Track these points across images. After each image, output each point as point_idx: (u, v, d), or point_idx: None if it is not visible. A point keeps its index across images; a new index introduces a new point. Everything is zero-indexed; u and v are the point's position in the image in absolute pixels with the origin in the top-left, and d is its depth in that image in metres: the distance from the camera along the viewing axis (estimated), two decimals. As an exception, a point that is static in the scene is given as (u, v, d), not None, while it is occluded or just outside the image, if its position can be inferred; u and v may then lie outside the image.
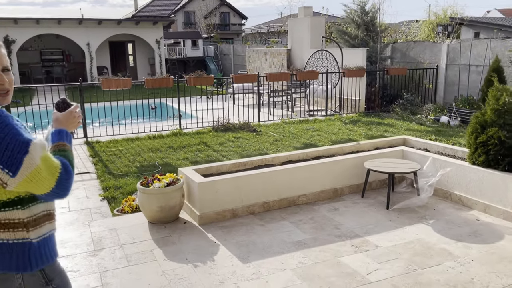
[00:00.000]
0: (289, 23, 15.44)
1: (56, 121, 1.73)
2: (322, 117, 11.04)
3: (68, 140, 1.70)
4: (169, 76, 9.46)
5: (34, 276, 1.57)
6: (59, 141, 1.66)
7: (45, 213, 1.62)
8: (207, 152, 7.61)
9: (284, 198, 4.53)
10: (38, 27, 20.56)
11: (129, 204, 4.66)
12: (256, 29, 42.62)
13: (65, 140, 1.67)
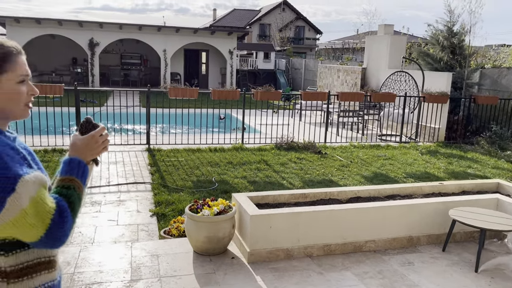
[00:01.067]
0: (366, 40, 14.66)
1: (73, 147, 1.39)
2: (396, 143, 10.15)
3: (80, 173, 1.34)
4: (236, 88, 9.18)
5: None
6: (67, 175, 1.32)
7: (41, 260, 1.30)
8: (267, 172, 7.15)
9: (349, 243, 3.91)
10: (120, 32, 21.60)
11: (177, 227, 4.30)
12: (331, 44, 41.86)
13: (75, 174, 1.33)
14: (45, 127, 9.23)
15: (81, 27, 20.81)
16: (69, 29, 20.75)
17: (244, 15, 43.64)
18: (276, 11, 41.40)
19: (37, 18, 20.09)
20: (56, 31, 20.70)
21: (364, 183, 6.76)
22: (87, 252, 3.73)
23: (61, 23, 20.41)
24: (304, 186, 6.47)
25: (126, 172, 6.83)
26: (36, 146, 8.07)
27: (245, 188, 6.20)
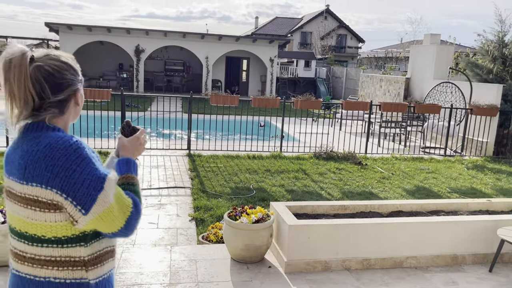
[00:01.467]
0: (411, 50, 14.31)
1: (124, 148, 1.55)
2: (440, 156, 9.80)
3: (135, 170, 1.52)
4: (276, 97, 9.20)
5: None
6: (127, 173, 1.49)
7: (108, 249, 1.46)
8: (305, 181, 7.10)
9: (389, 258, 3.80)
10: (165, 39, 22.24)
11: (215, 233, 4.35)
12: (373, 53, 41.14)
13: (133, 172, 1.50)
14: (92, 129, 9.63)
15: (128, 34, 21.61)
16: (117, 36, 21.60)
17: (285, 23, 43.78)
18: (318, 19, 41.25)
19: (88, 25, 21.07)
20: (105, 38, 21.61)
21: (406, 197, 6.57)
22: (129, 253, 3.84)
23: (110, 30, 21.29)
24: (343, 197, 6.37)
25: (167, 176, 7.00)
26: (83, 148, 8.41)
27: (282, 197, 6.18)
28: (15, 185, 1.33)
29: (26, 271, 1.36)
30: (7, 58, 1.31)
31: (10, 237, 1.40)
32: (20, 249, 1.36)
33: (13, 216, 1.36)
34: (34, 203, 1.31)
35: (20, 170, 1.32)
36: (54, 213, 1.32)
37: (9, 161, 1.37)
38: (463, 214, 4.39)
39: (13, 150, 1.37)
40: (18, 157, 1.33)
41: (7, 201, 1.38)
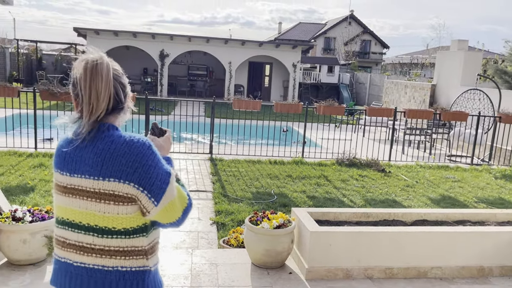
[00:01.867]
0: (437, 56, 14.06)
1: (161, 148, 1.62)
2: (466, 165, 9.56)
3: (174, 167, 1.59)
4: (299, 102, 9.18)
5: None
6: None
7: (158, 240, 1.57)
8: (327, 187, 7.04)
9: (413, 267, 3.72)
10: (189, 44, 22.52)
11: (236, 237, 4.35)
12: (398, 59, 40.61)
13: (173, 168, 1.57)
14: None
15: (153, 39, 21.98)
16: (142, 41, 22.00)
17: (309, 28, 43.70)
18: (342, 24, 41.02)
19: (115, 30, 21.54)
20: (131, 42, 22.04)
21: (430, 206, 6.43)
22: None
23: (135, 35, 21.70)
24: (365, 204, 6.28)
25: (189, 180, 7.05)
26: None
27: (304, 203, 6.14)
28: (85, 182, 1.42)
29: (94, 262, 1.44)
30: (94, 62, 1.40)
31: (70, 231, 1.46)
32: (88, 242, 1.44)
33: (80, 211, 1.44)
34: (109, 197, 1.40)
35: (95, 167, 1.40)
36: (127, 205, 1.41)
37: (72, 159, 1.44)
38: (491, 224, 4.26)
39: (77, 149, 1.44)
40: (93, 155, 1.41)
41: (68, 198, 1.45)
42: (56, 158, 1.50)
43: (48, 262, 3.58)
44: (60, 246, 1.50)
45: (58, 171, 1.49)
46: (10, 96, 8.07)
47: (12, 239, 3.42)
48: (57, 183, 1.49)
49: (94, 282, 1.44)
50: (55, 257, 1.53)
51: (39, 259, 3.57)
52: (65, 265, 1.48)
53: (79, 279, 1.45)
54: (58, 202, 1.49)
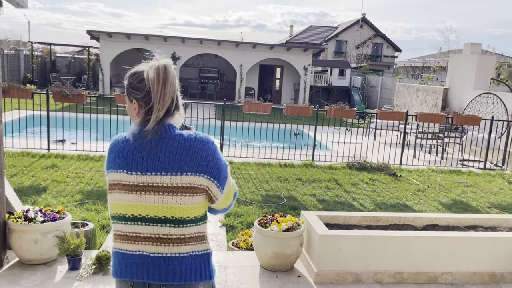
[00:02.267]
0: (450, 59, 13.93)
1: None
2: (479, 170, 9.44)
3: None
4: (309, 105, 9.16)
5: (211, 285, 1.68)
6: None
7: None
8: (337, 191, 7.01)
9: (423, 272, 3.68)
10: (201, 47, 22.64)
11: (245, 240, 4.35)
12: (410, 62, 40.29)
13: None
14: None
15: (165, 41, 22.15)
16: (154, 44, 22.15)
17: (320, 31, 43.62)
18: (353, 27, 40.87)
19: (127, 33, 21.75)
20: (143, 45, 22.22)
21: (442, 210, 6.35)
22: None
23: (147, 38, 21.89)
24: (376, 209, 6.24)
25: (199, 182, 7.07)
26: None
27: (313, 206, 6.12)
28: (161, 178, 1.53)
29: (171, 251, 1.57)
30: (164, 66, 1.53)
31: (144, 226, 1.56)
32: (165, 233, 1.56)
33: (155, 206, 1.54)
34: (186, 189, 1.54)
35: (172, 164, 1.53)
36: (198, 196, 1.57)
37: (143, 159, 1.54)
38: (503, 230, 4.20)
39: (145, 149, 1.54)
40: (168, 153, 1.53)
41: (140, 195, 1.54)
42: (117, 160, 1.57)
43: (58, 262, 3.62)
44: (132, 241, 1.58)
45: (123, 172, 1.56)
46: (24, 97, 8.20)
47: (24, 238, 3.46)
48: (123, 183, 1.56)
49: (172, 269, 1.56)
50: (122, 252, 1.61)
51: (50, 259, 3.61)
52: (140, 257, 1.58)
53: (157, 269, 1.56)
54: (125, 200, 1.57)
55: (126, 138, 1.58)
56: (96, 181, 6.61)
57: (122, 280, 1.62)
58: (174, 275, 1.56)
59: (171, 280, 1.56)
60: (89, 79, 24.01)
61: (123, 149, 1.56)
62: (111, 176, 1.59)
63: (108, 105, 10.71)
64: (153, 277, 1.57)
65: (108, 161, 1.62)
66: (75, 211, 5.22)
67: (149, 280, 1.57)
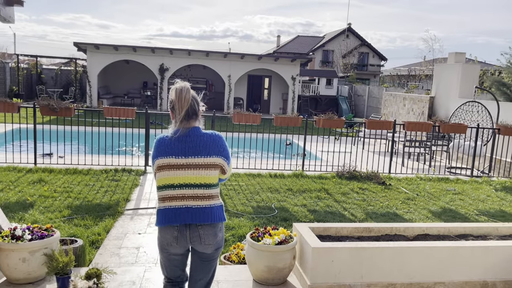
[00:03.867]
0: (435, 68, 14.15)
1: None
2: (466, 177, 9.55)
3: None
4: (298, 115, 9.19)
5: (223, 224, 2.65)
6: None
7: None
8: (327, 201, 7.02)
9: (416, 283, 3.69)
10: (189, 58, 22.66)
11: (237, 253, 4.32)
12: (396, 71, 40.84)
13: None
14: (117, 147, 9.79)
15: (153, 53, 22.11)
16: (142, 55, 22.13)
17: (307, 41, 44.05)
18: (340, 37, 41.37)
19: (115, 45, 21.67)
20: (131, 56, 22.17)
21: (432, 219, 6.40)
22: (151, 272, 3.85)
23: (135, 50, 21.83)
24: (366, 218, 6.26)
25: (189, 194, 7.02)
26: (108, 165, 8.56)
27: (305, 217, 6.11)
28: (198, 160, 2.48)
29: (202, 204, 2.50)
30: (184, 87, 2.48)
31: (188, 189, 2.48)
32: (201, 193, 2.50)
33: (195, 176, 2.48)
34: (212, 166, 2.51)
35: (204, 150, 2.49)
36: (216, 170, 2.54)
37: (184, 147, 2.47)
38: (493, 238, 4.24)
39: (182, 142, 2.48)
40: (202, 144, 2.50)
41: (184, 171, 2.47)
42: (166, 149, 2.48)
43: (47, 280, 3.54)
44: (179, 199, 2.49)
45: (171, 157, 2.47)
46: (10, 111, 8.09)
47: (11, 257, 3.38)
48: (172, 164, 2.47)
49: (205, 213, 2.50)
50: (171, 208, 2.48)
51: (38, 277, 3.53)
52: (186, 209, 2.48)
53: (196, 214, 2.49)
54: (174, 175, 2.47)
55: (168, 136, 2.51)
56: (84, 195, 6.52)
57: (170, 226, 2.49)
58: (206, 218, 2.50)
59: (205, 220, 2.50)
60: (76, 91, 23.80)
61: (170, 143, 2.48)
62: (161, 161, 2.48)
63: (96, 118, 10.60)
64: (194, 220, 2.48)
65: (157, 152, 2.50)
66: (63, 227, 5.13)
67: (192, 221, 2.48)
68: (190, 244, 2.51)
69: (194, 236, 2.48)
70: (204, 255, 2.57)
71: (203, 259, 2.59)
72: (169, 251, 2.53)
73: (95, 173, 7.97)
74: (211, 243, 2.51)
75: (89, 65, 21.81)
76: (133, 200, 6.54)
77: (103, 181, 7.46)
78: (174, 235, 2.48)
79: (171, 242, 2.49)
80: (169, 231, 2.48)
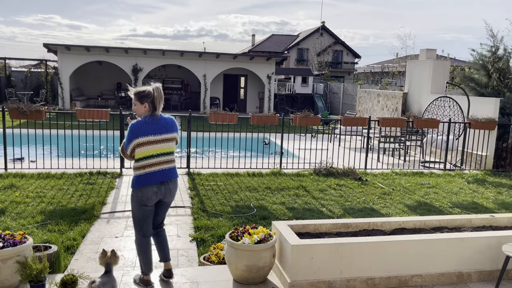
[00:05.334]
0: (408, 65, 14.44)
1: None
2: (440, 171, 9.79)
3: None
4: (275, 114, 9.21)
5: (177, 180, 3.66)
6: None
7: None
8: (305, 198, 7.06)
9: (394, 276, 3.75)
10: (163, 58, 22.39)
11: (217, 253, 4.29)
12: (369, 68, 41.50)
13: None
14: (91, 150, 9.58)
15: (126, 53, 21.76)
16: (115, 56, 21.74)
17: (282, 40, 44.23)
18: (314, 36, 41.72)
19: (86, 46, 21.21)
20: (103, 57, 21.74)
21: (408, 212, 6.52)
22: (129, 276, 3.78)
23: (108, 50, 21.43)
24: (344, 214, 6.32)
25: (167, 196, 6.93)
26: (82, 168, 8.37)
27: (283, 215, 6.13)
28: (167, 136, 3.46)
29: (171, 166, 3.53)
30: (158, 87, 3.45)
31: (163, 157, 3.46)
32: (169, 159, 3.51)
33: (167, 147, 3.48)
34: (173, 139, 3.53)
35: (169, 129, 3.48)
36: (174, 141, 3.55)
37: (156, 128, 3.42)
38: (467, 230, 4.35)
39: (155, 124, 3.43)
40: (168, 124, 3.50)
41: (161, 144, 3.43)
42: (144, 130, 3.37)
43: (21, 289, 3.43)
44: (157, 165, 3.43)
45: (150, 136, 3.38)
46: (-22, 115, 7.79)
47: (-18, 267, 3.26)
48: (151, 140, 3.38)
49: (173, 172, 3.55)
50: (152, 172, 3.40)
51: (11, 286, 3.41)
52: (162, 171, 3.46)
53: (168, 173, 3.50)
54: (153, 148, 3.39)
55: (142, 121, 3.41)
56: (58, 200, 6.35)
57: (152, 185, 3.39)
58: (174, 175, 3.57)
59: (173, 177, 3.55)
60: (47, 94, 23.18)
61: (145, 125, 3.39)
62: (141, 139, 3.36)
63: (69, 120, 10.35)
64: (167, 177, 3.49)
65: (134, 134, 3.37)
66: (37, 233, 4.98)
67: (166, 179, 3.47)
68: (162, 196, 3.46)
69: (166, 190, 3.47)
70: (168, 203, 3.62)
71: (166, 206, 3.63)
72: (147, 205, 3.42)
73: (69, 177, 7.78)
74: (174, 193, 3.60)
75: (60, 66, 21.28)
76: (109, 203, 6.41)
77: (77, 184, 7.29)
78: (154, 191, 3.40)
79: (151, 196, 3.40)
80: (150, 189, 3.38)
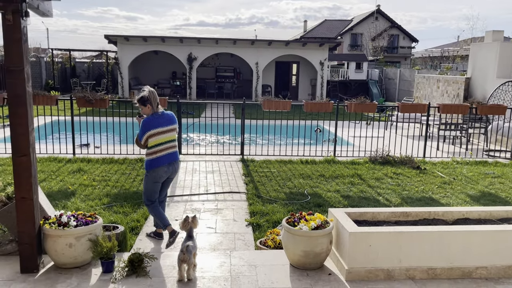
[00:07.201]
0: (471, 48, 13.62)
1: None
2: (506, 160, 9.22)
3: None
4: (329, 100, 9.09)
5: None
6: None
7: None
8: (361, 186, 6.95)
9: (456, 267, 3.63)
10: (216, 46, 22.70)
11: (273, 238, 4.36)
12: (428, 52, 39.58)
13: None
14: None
15: (181, 43, 22.28)
16: (171, 45, 22.34)
17: (335, 25, 43.23)
18: (368, 20, 40.37)
19: (144, 36, 21.96)
20: (159, 47, 22.41)
21: (470, 203, 6.24)
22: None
23: (164, 40, 22.06)
24: (402, 203, 6.16)
25: (222, 182, 7.12)
26: (142, 154, 8.76)
27: (338, 203, 6.09)
28: (170, 127, 4.49)
29: (175, 150, 4.60)
30: (152, 91, 4.40)
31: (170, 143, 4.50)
32: (174, 145, 4.56)
33: (172, 136, 4.50)
34: (175, 129, 4.56)
35: (171, 121, 4.51)
36: (175, 131, 4.59)
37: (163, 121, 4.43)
38: (538, 222, 4.09)
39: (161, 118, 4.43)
40: (170, 118, 4.51)
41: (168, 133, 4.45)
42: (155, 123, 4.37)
43: (92, 265, 3.70)
44: (166, 150, 4.45)
45: (160, 127, 4.38)
46: (49, 104, 8.37)
47: (59, 243, 3.54)
48: (160, 131, 4.38)
49: (177, 155, 4.61)
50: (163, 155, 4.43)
51: (84, 262, 3.68)
52: (170, 154, 4.49)
53: (174, 156, 4.56)
54: (162, 137, 4.40)
55: (150, 117, 4.38)
56: (122, 184, 6.71)
57: (163, 165, 4.42)
58: (177, 157, 4.59)
59: (178, 158, 4.60)
60: (108, 83, 24.35)
61: (154, 120, 4.37)
62: (154, 130, 4.35)
63: (129, 108, 10.84)
64: (174, 159, 4.54)
65: (147, 127, 4.34)
66: (104, 214, 5.31)
67: (173, 160, 4.53)
68: (170, 174, 4.53)
69: (172, 169, 4.53)
70: (172, 179, 4.67)
71: (170, 181, 4.67)
72: (159, 181, 4.50)
73: (130, 162, 8.18)
74: (177, 171, 5.00)
75: (120, 56, 22.22)
76: (169, 188, 6.67)
77: (138, 169, 7.65)
78: (165, 170, 4.46)
79: (163, 174, 4.46)
80: (161, 169, 4.43)
